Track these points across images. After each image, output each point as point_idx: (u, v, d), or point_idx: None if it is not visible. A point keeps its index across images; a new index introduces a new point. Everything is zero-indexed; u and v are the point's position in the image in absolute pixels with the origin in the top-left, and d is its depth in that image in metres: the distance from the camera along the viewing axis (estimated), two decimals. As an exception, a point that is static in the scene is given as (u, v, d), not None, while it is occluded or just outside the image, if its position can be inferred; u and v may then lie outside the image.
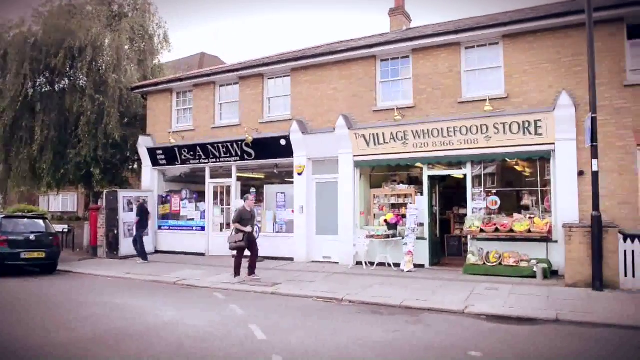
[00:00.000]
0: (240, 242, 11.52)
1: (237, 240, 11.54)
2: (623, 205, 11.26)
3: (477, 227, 12.10)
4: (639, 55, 11.58)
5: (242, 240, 11.51)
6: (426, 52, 13.60)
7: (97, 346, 6.71)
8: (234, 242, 11.60)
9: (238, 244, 11.55)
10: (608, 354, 6.19)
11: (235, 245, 11.61)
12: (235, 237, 11.60)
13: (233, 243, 11.63)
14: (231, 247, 11.76)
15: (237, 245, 11.59)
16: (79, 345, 6.74)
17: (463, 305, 8.76)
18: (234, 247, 11.66)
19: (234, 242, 11.60)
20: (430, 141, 12.94)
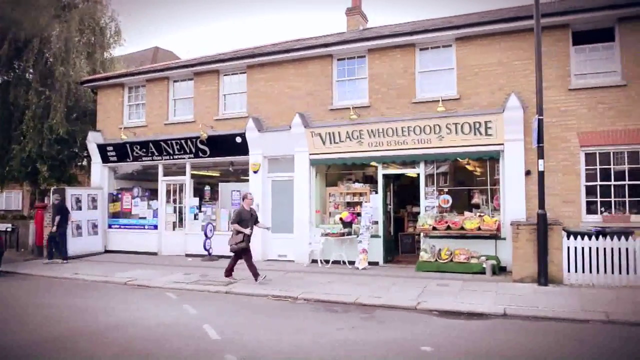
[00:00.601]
0: (241, 243, 10.97)
1: (238, 241, 10.99)
2: (567, 204, 11.77)
3: (429, 225, 12.36)
4: (583, 61, 12.13)
5: (243, 241, 10.99)
6: (382, 52, 13.77)
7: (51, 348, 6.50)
8: (235, 243, 11.03)
9: (239, 245, 10.99)
10: (552, 346, 6.44)
11: (236, 247, 11.04)
12: (236, 239, 11.04)
13: (234, 245, 11.05)
14: (232, 250, 11.19)
15: (239, 247, 11.02)
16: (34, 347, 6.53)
17: (416, 302, 8.93)
18: (235, 249, 11.10)
19: (235, 243, 11.03)
20: (385, 140, 13.11)
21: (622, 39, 11.75)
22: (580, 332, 7.06)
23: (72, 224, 15.85)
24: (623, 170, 11.71)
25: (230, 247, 11.19)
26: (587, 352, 6.20)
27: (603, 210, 11.74)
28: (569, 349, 6.33)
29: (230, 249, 11.22)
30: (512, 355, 6.07)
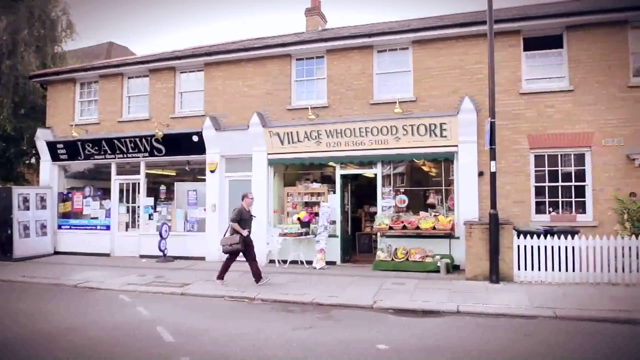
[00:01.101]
0: (237, 244, 10.39)
1: (233, 242, 10.38)
2: (517, 204, 12.19)
3: (386, 225, 12.52)
4: (533, 66, 12.58)
5: (239, 243, 10.41)
6: (340, 53, 13.86)
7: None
8: (229, 244, 10.42)
9: (234, 246, 10.40)
10: (502, 342, 6.65)
11: (230, 248, 10.43)
12: (231, 239, 10.44)
13: (228, 246, 10.43)
14: (225, 250, 10.55)
15: (233, 249, 10.44)
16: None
17: (372, 301, 9.03)
18: (229, 250, 10.47)
19: (229, 244, 10.42)
20: (343, 141, 13.20)
21: (570, 46, 12.26)
22: (529, 328, 7.32)
23: (20, 225, 15.21)
24: (570, 172, 12.22)
25: (224, 247, 10.55)
26: (535, 346, 6.41)
27: (551, 210, 12.23)
28: (518, 344, 6.54)
29: (224, 249, 10.58)
30: (464, 350, 6.22)
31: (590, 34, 12.13)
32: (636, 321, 7.59)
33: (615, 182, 11.71)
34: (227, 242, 10.50)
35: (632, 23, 11.96)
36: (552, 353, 6.14)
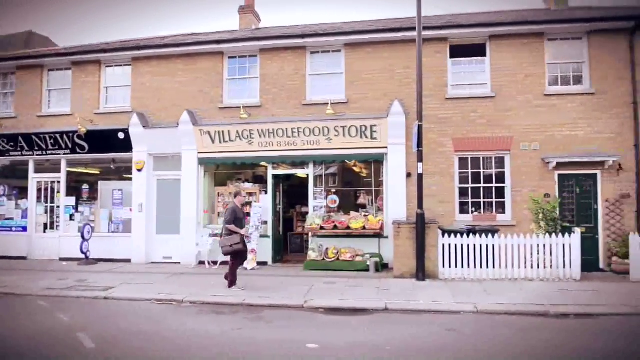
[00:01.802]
0: (238, 244, 9.89)
1: (234, 242, 9.85)
2: (443, 204, 12.69)
3: (317, 225, 12.63)
4: (459, 72, 13.16)
5: (240, 243, 9.94)
6: (274, 53, 13.83)
7: None
8: (229, 245, 9.86)
9: (234, 247, 9.86)
10: (426, 336, 6.89)
11: (231, 249, 9.87)
12: (230, 240, 9.88)
13: (228, 247, 9.87)
14: (226, 252, 9.96)
15: (234, 249, 9.89)
16: None
17: (303, 300, 9.07)
18: (230, 251, 9.90)
19: (229, 245, 9.86)
20: (275, 141, 13.18)
21: (493, 54, 12.93)
22: (452, 322, 7.64)
23: None
24: (491, 174, 12.88)
25: (224, 249, 9.97)
26: (456, 340, 6.70)
27: (474, 210, 12.83)
28: (440, 338, 6.81)
29: (224, 251, 10.01)
30: (390, 346, 6.39)
31: (511, 44, 12.86)
32: (549, 314, 8.12)
33: (531, 184, 12.48)
34: (226, 243, 9.93)
35: (548, 35, 12.80)
36: (472, 345, 6.43)
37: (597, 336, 6.87)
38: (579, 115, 12.52)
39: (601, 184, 12.38)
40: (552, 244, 10.80)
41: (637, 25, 12.30)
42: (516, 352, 6.15)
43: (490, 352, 6.14)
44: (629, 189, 12.26)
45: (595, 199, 12.45)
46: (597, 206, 12.41)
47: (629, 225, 12.11)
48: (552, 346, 6.38)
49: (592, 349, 6.26)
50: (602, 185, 12.37)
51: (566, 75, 12.88)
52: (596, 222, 12.41)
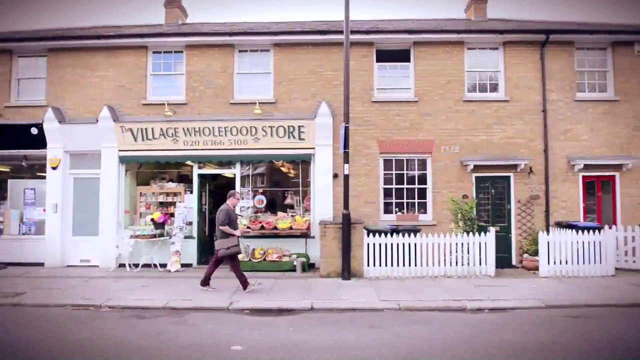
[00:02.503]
0: (235, 247, 9.70)
1: (231, 245, 9.67)
2: (368, 204, 12.98)
3: (244, 225, 12.50)
4: (384, 77, 13.53)
5: (237, 245, 9.74)
6: (201, 49, 13.54)
7: None
8: (226, 247, 9.66)
9: (232, 249, 9.67)
10: (349, 334, 7.00)
11: (227, 252, 9.66)
12: (228, 242, 9.69)
13: (225, 249, 9.66)
14: (223, 255, 9.73)
15: (231, 252, 9.69)
16: None
17: (228, 302, 8.94)
18: (227, 253, 9.69)
19: (226, 247, 9.66)
20: (202, 139, 12.90)
21: (416, 60, 13.41)
22: (376, 320, 7.84)
23: None
24: (414, 176, 13.34)
25: (219, 251, 9.74)
26: (378, 336, 6.88)
27: (397, 210, 13.22)
28: (363, 336, 6.95)
29: (220, 254, 9.76)
30: (314, 345, 6.44)
31: (433, 51, 13.39)
32: (466, 309, 8.53)
33: (451, 185, 13.06)
34: (222, 245, 9.70)
35: (467, 44, 13.47)
36: (394, 342, 6.62)
37: (510, 328, 7.30)
38: (495, 120, 13.27)
39: (514, 186, 13.19)
40: (469, 243, 11.36)
41: (547, 39, 13.22)
42: (434, 344, 6.40)
43: (410, 348, 6.35)
44: (539, 190, 13.15)
45: (508, 199, 13.24)
46: (510, 206, 13.21)
47: (539, 225, 12.99)
48: (466, 337, 6.71)
49: (504, 340, 6.64)
50: (514, 186, 13.19)
51: (484, 83, 13.61)
52: (509, 222, 13.20)
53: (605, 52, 13.69)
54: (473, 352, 6.16)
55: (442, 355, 6.06)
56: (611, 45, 13.59)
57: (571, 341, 6.61)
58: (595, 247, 11.36)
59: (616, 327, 7.37)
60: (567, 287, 10.11)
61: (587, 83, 13.66)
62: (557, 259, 11.37)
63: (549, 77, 13.35)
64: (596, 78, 13.69)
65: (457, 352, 6.14)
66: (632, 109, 13.39)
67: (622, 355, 5.99)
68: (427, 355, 6.08)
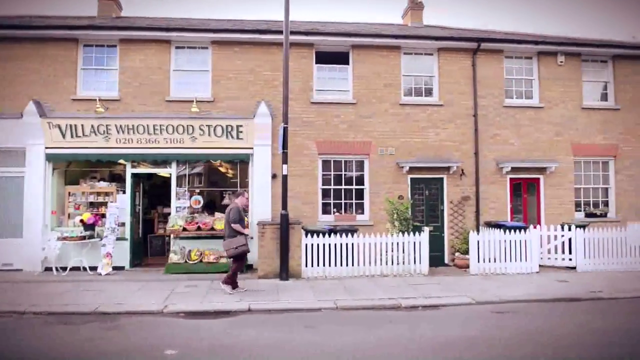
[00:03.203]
0: (243, 246, 9.58)
1: (239, 244, 9.54)
2: (307, 205, 13.05)
3: (180, 226, 12.21)
4: (323, 78, 13.66)
5: (245, 245, 9.63)
6: (136, 44, 13.10)
7: None
8: (234, 247, 9.52)
9: (239, 249, 9.54)
10: (285, 334, 7.00)
11: (236, 251, 9.54)
12: (235, 242, 9.54)
13: (233, 249, 9.52)
14: (232, 254, 9.62)
15: (239, 251, 9.56)
16: None
17: (162, 305, 8.70)
18: (234, 253, 9.57)
19: (234, 247, 9.52)
20: (135, 137, 12.48)
21: (355, 63, 13.63)
22: (313, 320, 7.89)
23: None
24: (352, 176, 13.54)
25: (228, 251, 9.63)
26: (314, 336, 6.92)
27: (335, 211, 13.37)
28: (300, 336, 6.98)
29: (229, 253, 9.67)
30: (251, 348, 6.40)
31: (371, 55, 13.66)
32: (400, 307, 8.76)
33: (387, 186, 13.37)
34: (231, 245, 9.59)
35: (404, 49, 13.88)
36: (328, 341, 6.69)
37: (441, 324, 7.56)
38: (429, 124, 13.72)
39: (447, 187, 13.69)
40: (405, 242, 11.67)
41: (479, 47, 13.82)
42: (368, 343, 6.52)
43: (344, 347, 6.43)
44: (470, 192, 13.72)
45: (441, 200, 13.72)
46: (443, 207, 13.69)
47: (470, 225, 13.55)
48: (400, 334, 6.89)
49: (437, 335, 6.86)
50: (447, 188, 13.69)
51: (419, 87, 14.03)
52: (442, 222, 13.68)
53: (531, 61, 14.50)
54: (405, 348, 6.33)
55: (374, 352, 6.18)
56: (537, 54, 14.41)
57: (496, 334, 6.95)
58: (521, 245, 11.99)
59: (539, 320, 7.81)
60: (495, 284, 10.61)
61: (514, 90, 14.40)
62: (487, 257, 11.91)
63: (480, 83, 13.95)
64: (523, 85, 14.46)
65: (390, 350, 6.28)
66: (554, 115, 14.26)
67: (542, 346, 6.35)
68: (357, 354, 6.17)
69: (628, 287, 10.32)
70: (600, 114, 14.56)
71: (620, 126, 14.62)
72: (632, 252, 12.48)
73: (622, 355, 6.05)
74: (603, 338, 6.76)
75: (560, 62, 14.42)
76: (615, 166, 14.62)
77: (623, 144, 14.59)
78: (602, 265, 12.31)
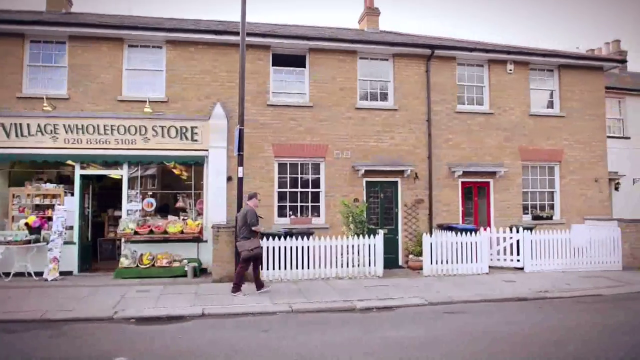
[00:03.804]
0: (258, 248, 9.90)
1: (255, 246, 9.80)
2: (263, 208, 12.85)
3: (131, 230, 11.89)
4: (279, 80, 13.64)
5: (260, 247, 10.05)
6: (86, 42, 12.68)
7: None
8: (250, 249, 9.72)
9: (255, 251, 9.81)
10: (240, 339, 6.93)
11: (251, 253, 9.75)
12: (251, 243, 9.76)
13: (248, 251, 9.71)
14: (248, 256, 9.76)
15: (254, 253, 9.81)
16: None
17: (112, 311, 8.45)
18: (250, 255, 9.77)
19: (250, 249, 9.72)
20: (85, 138, 12.09)
21: (312, 66, 13.68)
22: (268, 323, 7.85)
23: None
24: (308, 179, 13.57)
25: (244, 253, 9.74)
26: (268, 340, 6.89)
27: (291, 214, 13.36)
28: (254, 340, 6.92)
29: (244, 255, 9.76)
30: (204, 351, 6.31)
31: (328, 59, 13.74)
32: (355, 309, 8.84)
33: (343, 189, 13.48)
34: (246, 247, 9.73)
35: (360, 54, 14.04)
36: (283, 344, 6.67)
37: (394, 325, 7.67)
38: (384, 128, 13.93)
39: (401, 190, 13.93)
40: (360, 245, 11.78)
41: (432, 53, 14.15)
42: (322, 345, 6.54)
43: (299, 349, 6.43)
44: (423, 195, 14.00)
45: (396, 203, 13.94)
46: (398, 210, 13.91)
47: (423, 227, 13.83)
48: (354, 336, 6.95)
49: (391, 336, 6.96)
50: (401, 191, 13.92)
51: (375, 92, 14.23)
52: (396, 224, 13.90)
53: (483, 68, 14.96)
54: (359, 348, 6.39)
55: (328, 354, 6.20)
56: (488, 62, 14.89)
57: (447, 335, 7.12)
58: (472, 247, 12.34)
59: (487, 319, 8.06)
60: (447, 285, 10.87)
61: (466, 96, 14.82)
62: (439, 259, 12.18)
63: (433, 89, 14.28)
64: (474, 92, 14.90)
65: (343, 351, 6.32)
66: (503, 121, 14.76)
67: (486, 344, 6.55)
68: (312, 356, 6.18)
69: (572, 287, 10.80)
70: (546, 121, 15.19)
71: (565, 132, 15.29)
72: (575, 252, 13.06)
73: (568, 352, 6.31)
74: (550, 335, 7.04)
75: (509, 70, 14.95)
76: (560, 171, 15.27)
77: (568, 149, 15.27)
78: (548, 265, 12.82)
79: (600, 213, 15.29)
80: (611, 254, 13.29)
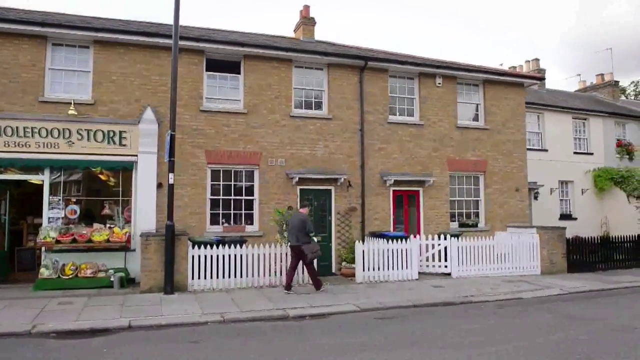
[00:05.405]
0: (318, 250, 11.04)
1: (316, 249, 10.95)
2: (194, 215, 12.69)
3: (52, 238, 11.24)
4: (213, 86, 13.45)
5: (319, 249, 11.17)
6: (5, 38, 11.90)
7: None
8: (313, 252, 10.84)
9: (317, 253, 10.94)
10: (169, 353, 6.72)
11: (315, 255, 10.89)
12: (313, 247, 10.91)
13: (312, 254, 10.82)
14: (312, 259, 10.91)
15: (316, 255, 10.94)
16: None
17: (30, 326, 7.93)
18: (314, 257, 10.93)
19: (313, 252, 10.84)
20: (2, 140, 11.33)
21: (247, 73, 13.60)
22: (198, 334, 7.67)
23: None
24: (241, 187, 13.44)
25: (309, 256, 10.78)
26: (198, 352, 6.73)
27: (224, 221, 13.17)
28: (185, 351, 6.74)
29: (311, 257, 10.84)
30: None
31: (263, 66, 13.72)
32: (288, 317, 8.83)
33: (277, 197, 13.46)
34: (310, 250, 10.79)
35: (295, 62, 14.15)
36: (213, 356, 6.55)
37: (327, 333, 7.73)
38: (318, 136, 14.08)
39: (334, 198, 14.11)
40: (293, 253, 11.77)
41: (366, 64, 14.49)
42: (255, 355, 6.48)
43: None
44: (356, 203, 14.26)
45: (329, 211, 14.10)
46: (331, 218, 14.07)
47: (356, 235, 14.06)
48: (288, 344, 6.94)
49: (327, 344, 7.01)
50: (335, 199, 14.11)
51: (310, 100, 14.36)
52: (330, 232, 14.05)
53: (413, 81, 15.50)
54: (296, 356, 6.38)
55: (264, 365, 6.17)
56: (418, 75, 15.44)
57: (377, 339, 7.26)
58: (402, 254, 12.69)
59: (416, 324, 8.30)
60: (378, 292, 11.10)
61: (398, 107, 15.28)
62: (371, 266, 12.42)
63: (366, 99, 14.61)
64: (405, 104, 15.40)
65: None
66: (432, 132, 15.35)
67: (417, 347, 6.76)
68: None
69: (495, 291, 11.36)
70: (472, 133, 15.95)
71: (489, 144, 16.13)
72: (499, 258, 13.77)
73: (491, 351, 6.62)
74: (475, 337, 7.35)
75: (438, 84, 15.57)
76: (485, 180, 16.07)
77: (491, 160, 16.10)
78: (474, 271, 13.42)
79: (521, 221, 16.23)
80: (531, 259, 14.12)
